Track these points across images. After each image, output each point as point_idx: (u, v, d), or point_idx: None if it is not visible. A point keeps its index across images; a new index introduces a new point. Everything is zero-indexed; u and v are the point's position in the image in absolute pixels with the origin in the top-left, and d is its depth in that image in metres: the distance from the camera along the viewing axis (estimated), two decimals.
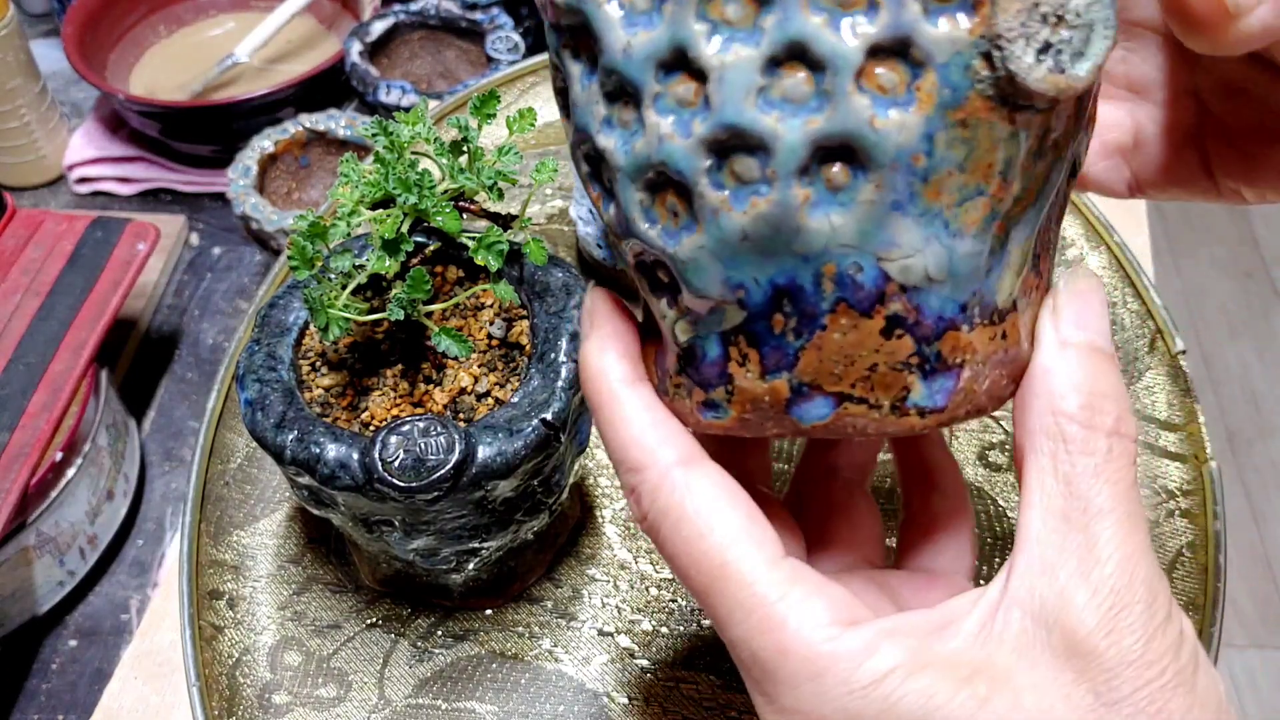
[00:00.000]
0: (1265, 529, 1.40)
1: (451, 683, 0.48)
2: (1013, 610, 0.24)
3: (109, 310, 0.63)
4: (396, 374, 0.42)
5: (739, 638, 0.25)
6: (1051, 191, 0.25)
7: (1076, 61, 0.22)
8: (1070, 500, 0.24)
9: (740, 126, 0.23)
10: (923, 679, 0.23)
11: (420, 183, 0.40)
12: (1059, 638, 0.23)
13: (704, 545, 0.25)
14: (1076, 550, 0.24)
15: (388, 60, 0.89)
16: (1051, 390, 0.25)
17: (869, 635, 0.24)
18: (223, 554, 0.52)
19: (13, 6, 0.79)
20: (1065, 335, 0.25)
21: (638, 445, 0.26)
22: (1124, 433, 0.24)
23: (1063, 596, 0.23)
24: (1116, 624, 0.23)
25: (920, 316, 0.24)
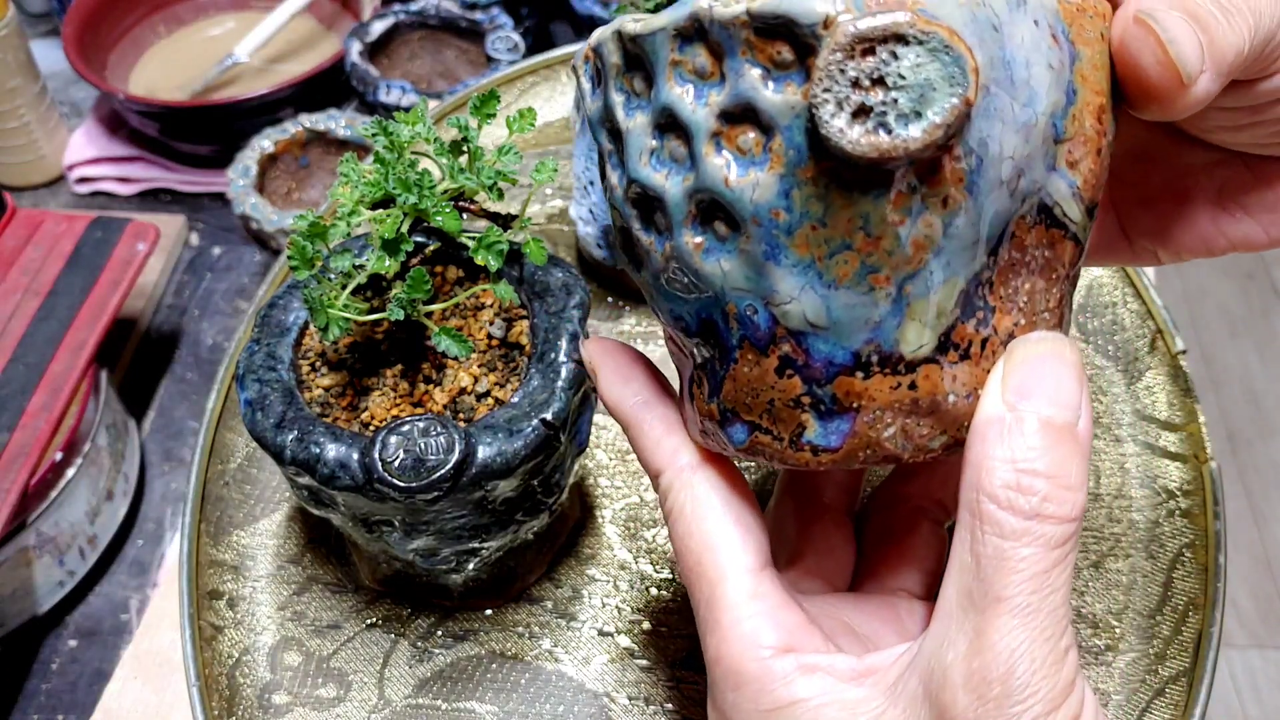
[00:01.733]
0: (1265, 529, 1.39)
1: (451, 683, 0.48)
2: (914, 676, 0.25)
3: (109, 310, 0.63)
4: (396, 374, 0.42)
5: (700, 630, 0.29)
6: (970, 245, 0.24)
7: (908, 123, 0.22)
8: (975, 580, 0.24)
9: (640, 181, 0.26)
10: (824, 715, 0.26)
11: (420, 183, 0.40)
12: (935, 712, 0.24)
13: (690, 542, 0.29)
14: (969, 633, 0.24)
15: (388, 60, 0.89)
16: (978, 462, 0.24)
17: (789, 667, 0.27)
18: (223, 554, 0.52)
19: (13, 6, 0.79)
20: (1009, 401, 0.24)
21: (657, 452, 0.30)
22: (1049, 515, 0.23)
23: (946, 674, 0.24)
24: (983, 713, 0.23)
25: (809, 359, 0.25)
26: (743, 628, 0.27)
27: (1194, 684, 0.46)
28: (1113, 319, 0.58)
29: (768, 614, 0.27)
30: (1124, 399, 0.55)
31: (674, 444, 0.30)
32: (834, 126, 0.23)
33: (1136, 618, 0.48)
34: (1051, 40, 0.24)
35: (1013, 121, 0.23)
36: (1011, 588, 0.23)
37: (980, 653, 0.23)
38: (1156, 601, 0.49)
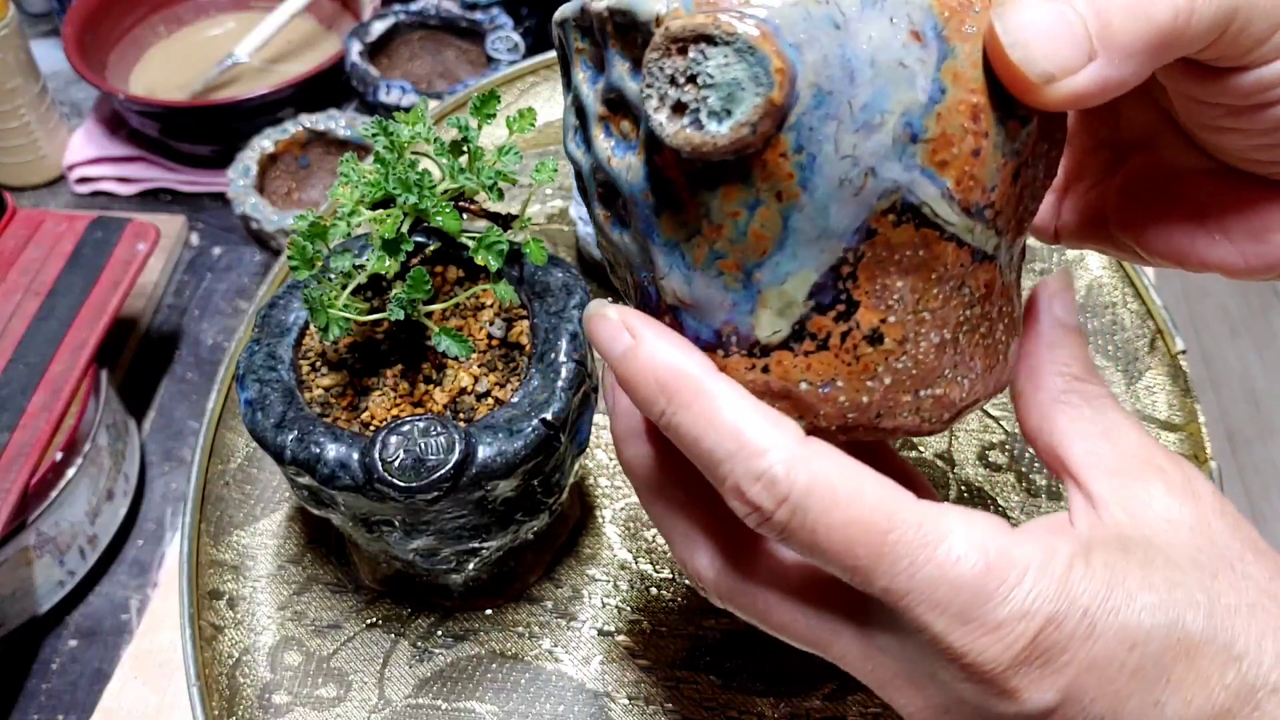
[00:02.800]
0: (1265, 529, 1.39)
1: (451, 683, 0.48)
2: (1111, 508, 0.27)
3: (109, 310, 0.63)
4: (396, 374, 0.42)
5: (929, 578, 0.24)
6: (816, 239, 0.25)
7: (719, 120, 0.23)
8: (1107, 428, 0.29)
9: (569, 155, 0.29)
10: (1097, 558, 0.25)
11: (420, 183, 0.40)
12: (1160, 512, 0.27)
13: (863, 505, 0.25)
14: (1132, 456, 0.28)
15: (388, 60, 0.89)
16: (1065, 360, 0.30)
17: (1036, 536, 0.26)
18: (223, 554, 0.52)
19: (13, 6, 0.79)
20: (1066, 320, 0.30)
21: (758, 427, 0.25)
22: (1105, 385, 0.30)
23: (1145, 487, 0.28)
24: (1194, 492, 0.27)
25: (683, 333, 0.27)
26: (981, 534, 0.25)
27: None
28: (1113, 319, 0.58)
29: (969, 516, 0.25)
30: (1124, 399, 0.55)
31: (775, 417, 0.25)
32: (656, 120, 0.24)
33: None
34: (910, 37, 0.24)
35: (850, 120, 0.24)
36: (1132, 421, 0.30)
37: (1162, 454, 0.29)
38: None
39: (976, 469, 0.53)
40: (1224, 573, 0.26)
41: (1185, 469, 0.28)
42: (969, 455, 0.54)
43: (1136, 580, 0.25)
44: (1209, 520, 0.27)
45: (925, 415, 0.28)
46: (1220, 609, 0.25)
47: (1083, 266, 0.60)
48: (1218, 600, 0.25)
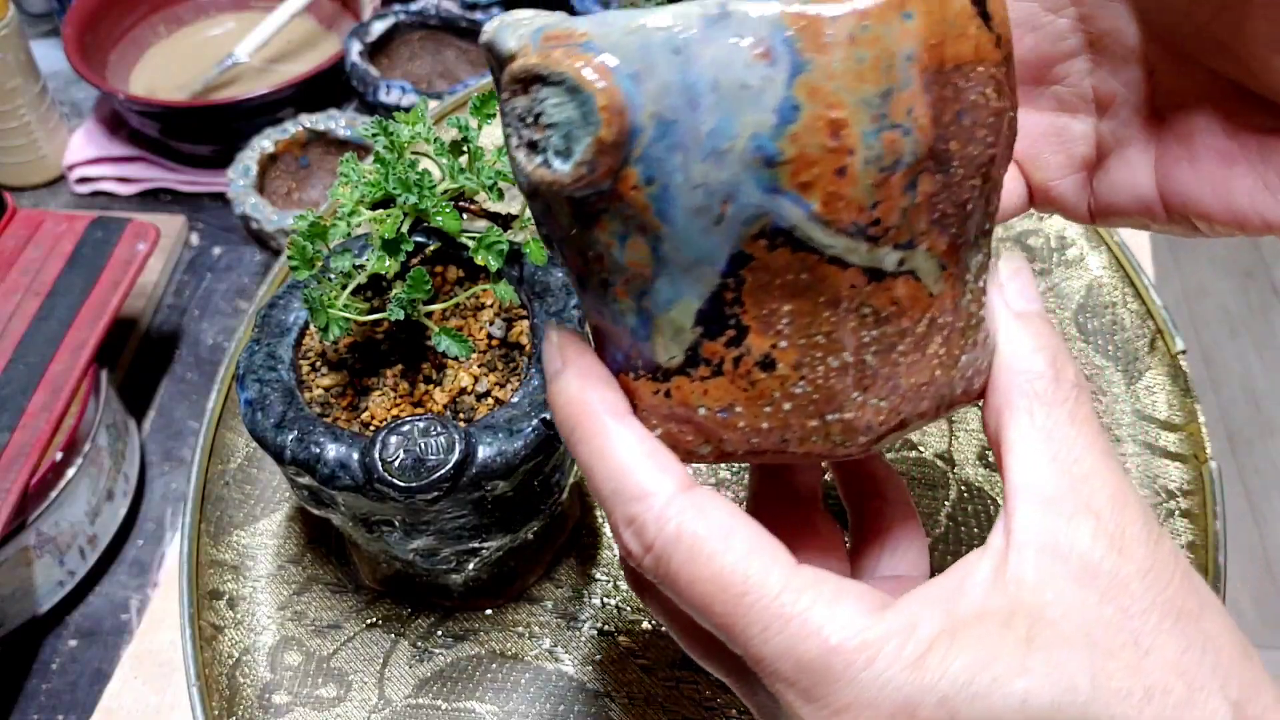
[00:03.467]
0: (1265, 529, 1.39)
1: (451, 683, 0.48)
2: (1025, 552, 0.25)
3: (109, 310, 0.63)
4: (396, 374, 0.42)
5: (777, 650, 0.24)
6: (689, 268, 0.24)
7: (562, 159, 0.23)
8: (1053, 445, 0.26)
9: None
10: (968, 636, 0.24)
11: (420, 183, 0.40)
12: (1076, 566, 0.25)
13: (723, 565, 0.25)
14: (1071, 487, 0.26)
15: (388, 60, 0.89)
16: (1017, 354, 0.28)
17: (905, 613, 0.24)
18: (223, 554, 0.52)
19: (13, 6, 0.79)
20: (1017, 307, 0.28)
21: (637, 475, 0.26)
22: (1081, 384, 0.27)
23: (1071, 528, 0.25)
24: (1124, 544, 0.25)
25: (604, 356, 0.28)
26: (835, 612, 0.24)
27: None
28: (1113, 319, 0.58)
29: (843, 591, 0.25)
30: (1124, 399, 0.55)
31: (660, 464, 0.26)
32: (515, 158, 0.24)
33: None
34: (757, 56, 0.22)
35: (698, 148, 0.23)
36: (1089, 438, 0.27)
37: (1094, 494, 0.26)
38: None
39: (976, 469, 0.53)
40: (1124, 650, 0.24)
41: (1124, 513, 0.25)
42: (969, 455, 0.54)
43: (1011, 662, 0.23)
44: (1129, 581, 0.24)
45: (836, 440, 0.26)
46: (1106, 694, 0.23)
47: (1082, 266, 0.60)
48: (1106, 684, 0.23)
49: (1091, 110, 0.33)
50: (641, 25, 0.23)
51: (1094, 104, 0.33)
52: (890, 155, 0.23)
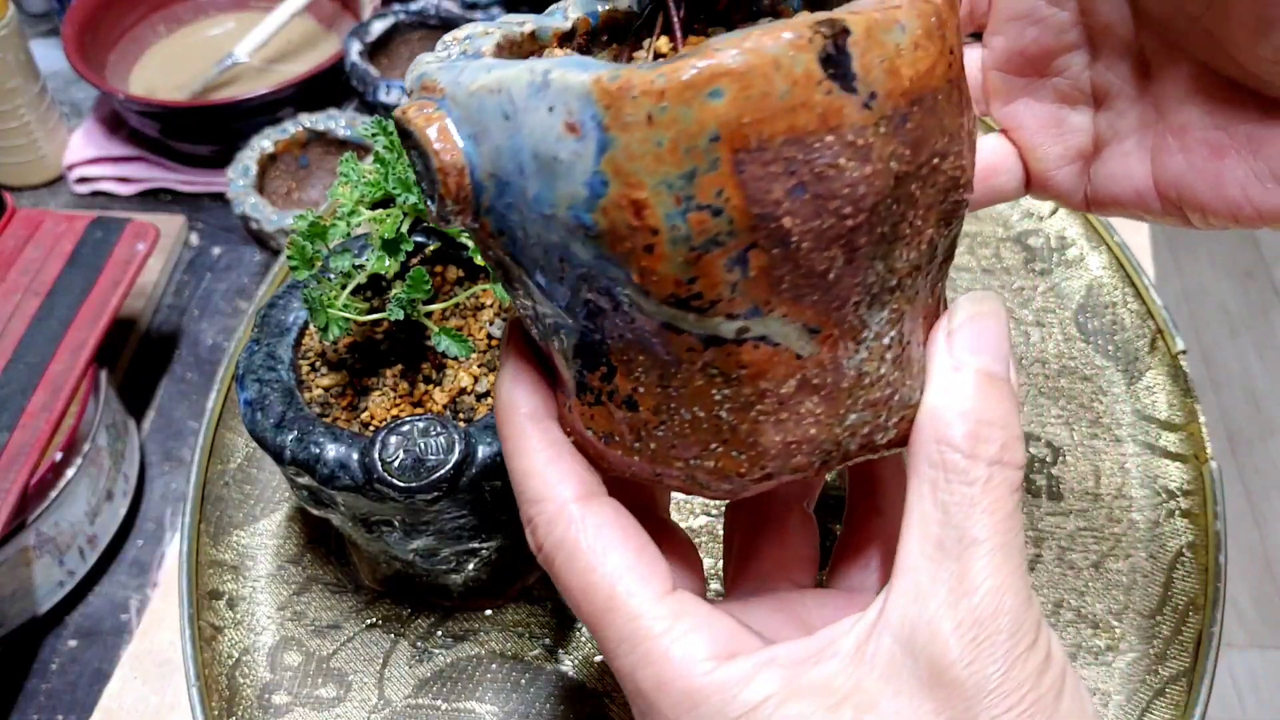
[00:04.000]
0: (1265, 529, 1.39)
1: (451, 683, 0.48)
2: (884, 636, 0.25)
3: (109, 310, 0.63)
4: (396, 374, 0.42)
5: (624, 669, 0.26)
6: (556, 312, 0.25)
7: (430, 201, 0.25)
8: (946, 529, 0.24)
9: None
10: (794, 707, 0.24)
11: None
12: (924, 666, 0.24)
13: (593, 578, 0.26)
14: (948, 579, 0.24)
15: (388, 60, 0.89)
16: (938, 416, 0.25)
17: (745, 667, 0.25)
18: (223, 554, 0.52)
19: (13, 6, 0.79)
20: (959, 359, 0.25)
21: (538, 478, 0.28)
22: (1007, 461, 0.24)
23: (931, 625, 0.24)
24: (979, 654, 0.23)
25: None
26: (680, 648, 0.25)
27: (1194, 684, 0.45)
28: (1113, 319, 0.58)
29: (699, 628, 0.26)
30: (1124, 399, 0.55)
31: (561, 473, 0.27)
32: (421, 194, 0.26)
33: (1137, 618, 0.48)
34: (565, 129, 0.22)
35: (530, 210, 0.23)
36: (986, 529, 0.24)
37: (966, 595, 0.24)
38: (1157, 601, 0.49)
39: None
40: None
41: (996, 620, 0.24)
42: None
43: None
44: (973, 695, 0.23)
45: (703, 482, 0.26)
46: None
47: (1083, 266, 0.60)
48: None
49: (1090, 102, 0.33)
50: (480, 87, 0.23)
51: (1091, 96, 0.33)
52: (700, 235, 0.22)
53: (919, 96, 0.22)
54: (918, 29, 0.22)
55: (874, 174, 0.22)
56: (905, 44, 0.22)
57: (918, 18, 0.22)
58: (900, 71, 0.22)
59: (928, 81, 0.22)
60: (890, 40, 0.22)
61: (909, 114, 0.22)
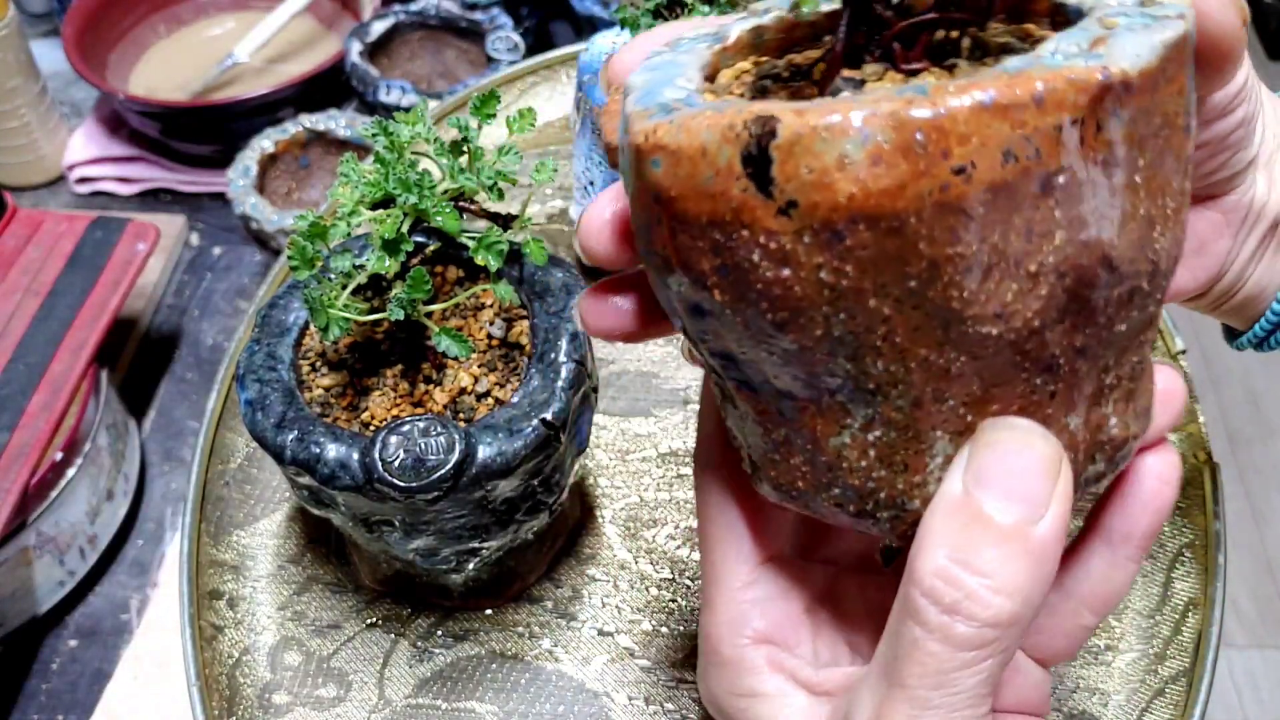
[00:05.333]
0: (1265, 529, 1.39)
1: (451, 683, 0.48)
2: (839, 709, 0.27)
3: (109, 310, 0.63)
4: (396, 374, 0.42)
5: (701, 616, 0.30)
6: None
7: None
8: (890, 656, 0.23)
9: None
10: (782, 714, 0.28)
11: (420, 183, 0.40)
12: None
13: (704, 532, 0.30)
14: (872, 705, 0.24)
15: (388, 60, 0.89)
16: (920, 539, 0.23)
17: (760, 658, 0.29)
18: (223, 554, 0.52)
19: (13, 6, 0.79)
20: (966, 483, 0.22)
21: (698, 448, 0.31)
22: (966, 613, 0.22)
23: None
24: None
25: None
26: (731, 612, 0.29)
27: (1194, 684, 0.46)
28: None
29: (757, 603, 0.29)
30: None
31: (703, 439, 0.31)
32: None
33: (1136, 618, 0.48)
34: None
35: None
36: (913, 678, 0.22)
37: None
38: (1156, 601, 0.49)
39: None
40: None
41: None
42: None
43: None
44: None
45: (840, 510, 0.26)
46: None
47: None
48: None
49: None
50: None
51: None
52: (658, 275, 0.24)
53: (869, 217, 0.20)
54: (885, 143, 0.19)
55: (793, 280, 0.21)
56: (859, 157, 0.20)
57: (892, 130, 0.19)
58: (835, 186, 0.20)
59: (889, 202, 0.20)
60: (832, 150, 0.20)
61: (849, 232, 0.20)
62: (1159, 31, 0.21)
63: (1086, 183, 0.20)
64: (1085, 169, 0.20)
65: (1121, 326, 0.23)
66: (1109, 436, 0.24)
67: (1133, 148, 0.21)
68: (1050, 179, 0.20)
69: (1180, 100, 0.22)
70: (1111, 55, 0.20)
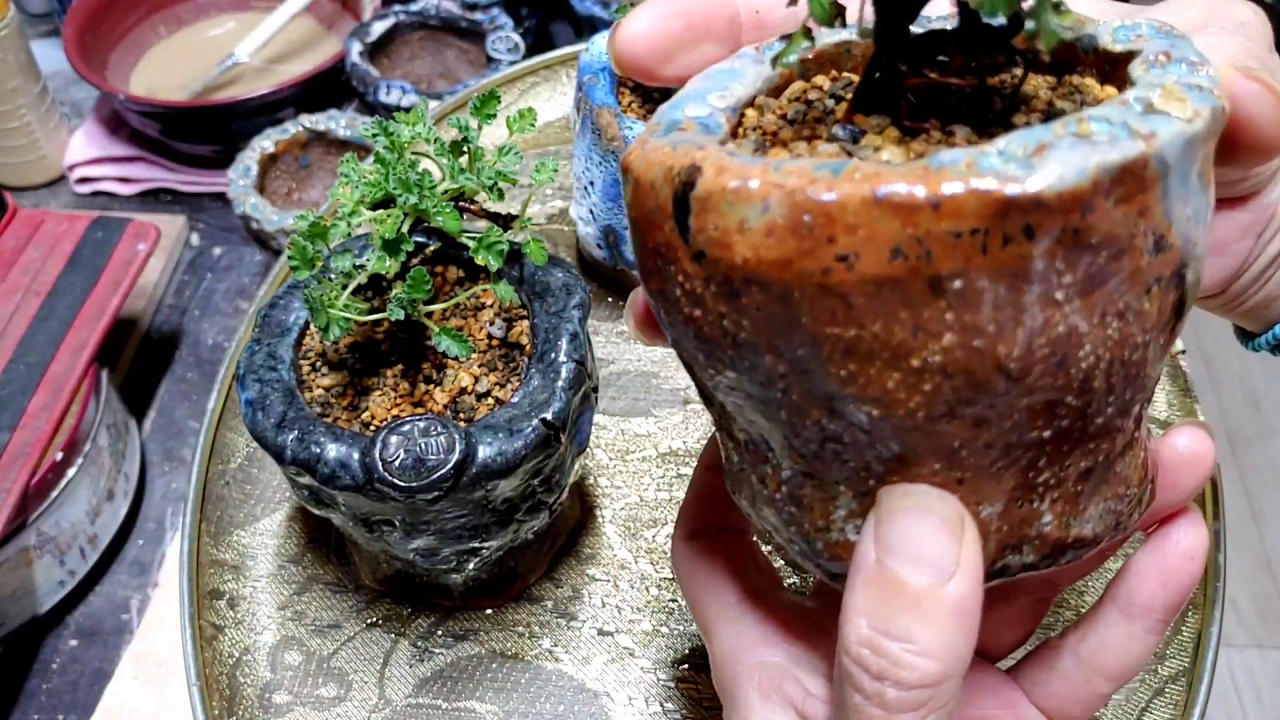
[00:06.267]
0: (1265, 529, 1.39)
1: (451, 682, 0.48)
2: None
3: (109, 310, 0.63)
4: (397, 374, 0.42)
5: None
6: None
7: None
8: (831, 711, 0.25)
9: None
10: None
11: (420, 183, 0.40)
12: None
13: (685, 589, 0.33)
14: None
15: (388, 60, 0.89)
16: (845, 608, 0.23)
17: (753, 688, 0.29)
18: (223, 554, 0.52)
19: (13, 6, 0.79)
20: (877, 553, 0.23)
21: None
22: (896, 678, 0.22)
23: None
24: None
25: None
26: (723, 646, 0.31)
27: (1193, 684, 0.46)
28: None
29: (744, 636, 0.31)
30: None
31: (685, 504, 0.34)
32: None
33: None
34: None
35: None
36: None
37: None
38: None
39: None
40: None
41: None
42: None
43: None
44: None
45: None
46: None
47: None
48: None
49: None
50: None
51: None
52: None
53: (762, 282, 0.21)
54: (779, 219, 0.20)
55: (703, 320, 0.22)
56: (756, 225, 0.20)
57: (787, 208, 0.20)
58: (734, 248, 0.21)
59: (776, 273, 0.20)
60: (735, 213, 0.20)
61: (744, 291, 0.21)
62: (1106, 152, 0.19)
63: (987, 291, 0.20)
64: (987, 278, 0.20)
65: (1044, 434, 0.22)
66: (1039, 533, 0.24)
67: (1054, 263, 0.20)
68: (942, 282, 0.20)
69: (1139, 222, 0.20)
70: (1037, 171, 0.19)
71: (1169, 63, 0.22)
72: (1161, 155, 0.20)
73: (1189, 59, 0.23)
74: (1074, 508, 0.24)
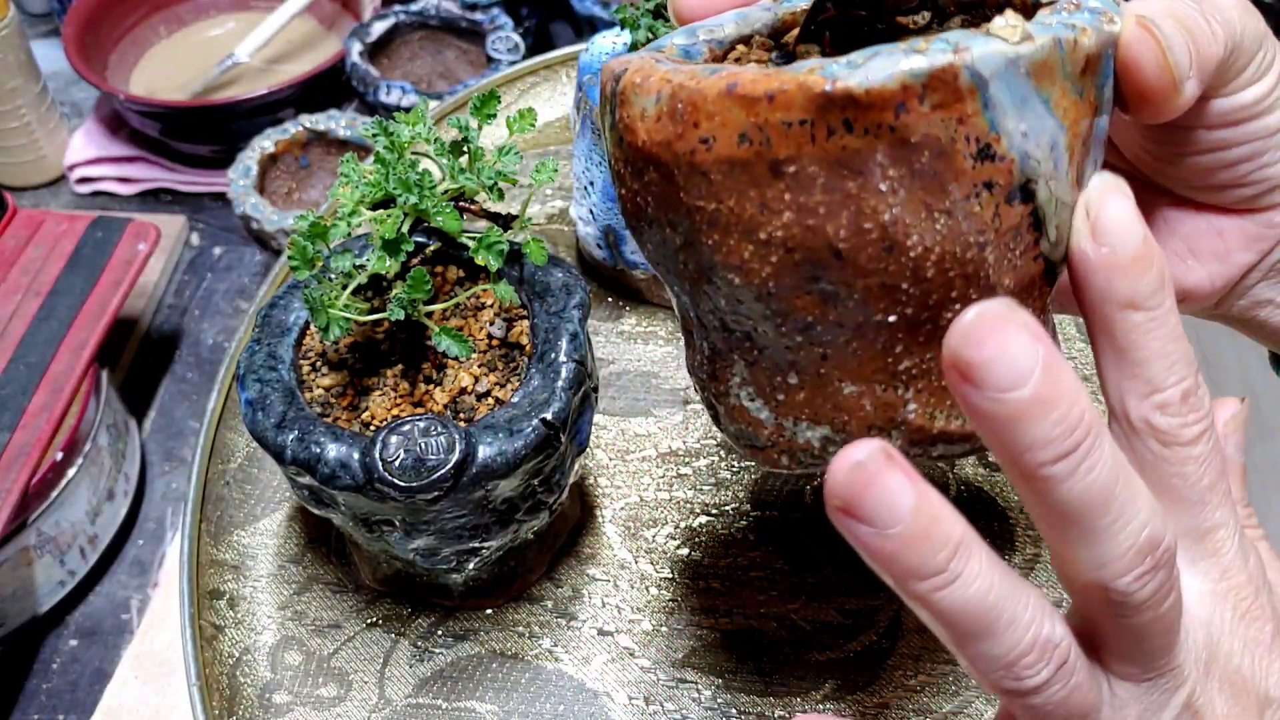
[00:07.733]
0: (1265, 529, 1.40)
1: (451, 682, 0.48)
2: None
3: (109, 310, 0.63)
4: (397, 374, 0.42)
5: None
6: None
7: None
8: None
9: None
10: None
11: (420, 183, 0.40)
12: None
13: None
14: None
15: (388, 60, 0.89)
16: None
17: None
18: (223, 554, 0.52)
19: (13, 6, 0.79)
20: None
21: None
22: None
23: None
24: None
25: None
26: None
27: None
28: None
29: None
30: None
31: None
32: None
33: None
34: None
35: None
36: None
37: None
38: None
39: (976, 468, 0.53)
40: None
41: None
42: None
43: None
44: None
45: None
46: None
47: None
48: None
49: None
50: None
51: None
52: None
53: (655, 161, 0.25)
54: (664, 107, 0.24)
55: (628, 197, 0.27)
56: (650, 112, 0.25)
57: (669, 99, 0.24)
58: (636, 132, 0.25)
59: (661, 153, 0.25)
60: (639, 104, 0.25)
61: (645, 170, 0.26)
62: (917, 61, 0.22)
63: (819, 176, 0.23)
64: (816, 165, 0.23)
65: (888, 318, 0.24)
66: (904, 419, 0.26)
67: (876, 156, 0.22)
68: (780, 165, 0.23)
69: (958, 128, 0.22)
70: (857, 70, 0.22)
71: (1076, 11, 0.25)
72: (974, 68, 0.22)
73: (1094, 7, 0.25)
74: (941, 401, 0.26)
